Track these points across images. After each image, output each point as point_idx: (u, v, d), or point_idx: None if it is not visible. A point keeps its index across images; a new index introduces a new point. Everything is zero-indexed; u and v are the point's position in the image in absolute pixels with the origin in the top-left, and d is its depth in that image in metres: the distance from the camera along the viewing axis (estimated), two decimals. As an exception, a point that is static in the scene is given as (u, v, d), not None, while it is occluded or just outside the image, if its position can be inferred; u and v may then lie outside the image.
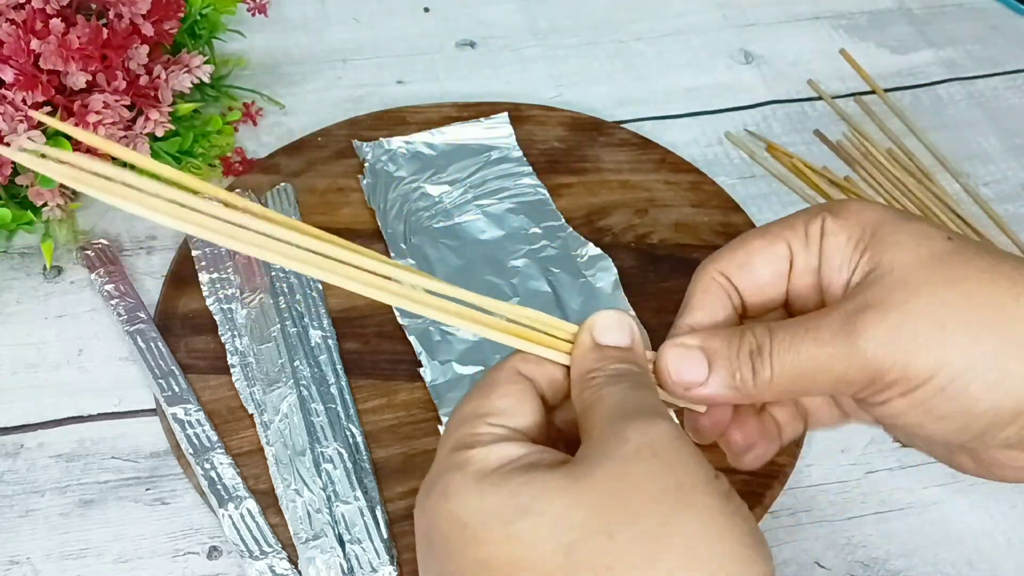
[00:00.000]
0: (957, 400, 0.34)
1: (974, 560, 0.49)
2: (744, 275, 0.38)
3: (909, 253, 0.35)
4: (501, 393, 0.34)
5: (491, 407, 0.34)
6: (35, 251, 0.59)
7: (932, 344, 0.34)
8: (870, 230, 0.36)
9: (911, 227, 0.36)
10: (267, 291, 0.55)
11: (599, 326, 0.35)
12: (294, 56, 0.72)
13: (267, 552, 0.46)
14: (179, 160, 0.60)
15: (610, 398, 0.33)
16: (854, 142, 0.69)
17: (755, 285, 0.38)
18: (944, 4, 0.80)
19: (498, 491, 0.31)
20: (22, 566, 0.47)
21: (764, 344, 0.35)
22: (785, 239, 0.38)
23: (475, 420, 0.33)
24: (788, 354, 0.35)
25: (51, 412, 0.52)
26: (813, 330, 0.35)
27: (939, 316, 0.34)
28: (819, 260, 0.37)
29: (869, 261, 0.36)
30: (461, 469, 0.32)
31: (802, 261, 0.38)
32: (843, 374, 0.34)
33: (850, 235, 0.37)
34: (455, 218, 0.60)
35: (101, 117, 0.54)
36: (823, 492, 0.51)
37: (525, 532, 0.30)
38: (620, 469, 0.30)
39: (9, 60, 0.53)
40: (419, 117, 0.66)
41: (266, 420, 0.50)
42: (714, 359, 0.36)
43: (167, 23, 0.58)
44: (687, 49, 0.75)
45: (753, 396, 0.36)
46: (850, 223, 0.37)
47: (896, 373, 0.34)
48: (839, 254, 0.37)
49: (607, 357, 0.35)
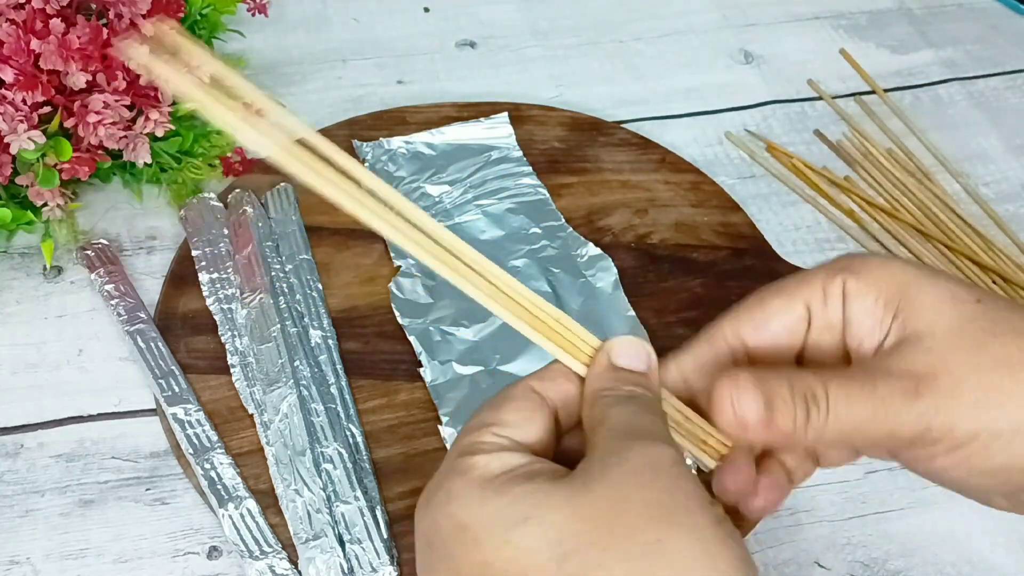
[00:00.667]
0: (999, 459, 0.35)
1: (974, 560, 0.49)
2: (758, 335, 0.38)
3: (945, 318, 0.36)
4: (511, 408, 0.35)
5: (499, 419, 0.35)
6: (35, 251, 0.59)
7: (978, 407, 0.35)
8: (897, 292, 0.37)
9: (939, 289, 0.37)
10: (267, 291, 0.55)
11: (616, 349, 0.36)
12: (294, 56, 0.72)
13: (267, 552, 0.46)
14: (179, 160, 0.60)
15: (618, 417, 0.34)
16: (854, 142, 0.69)
17: (768, 346, 0.38)
18: (944, 4, 0.80)
19: (500, 497, 0.32)
20: (22, 566, 0.47)
21: (819, 394, 0.36)
22: (804, 299, 0.38)
23: (482, 429, 0.34)
24: (843, 409, 0.35)
25: (51, 412, 0.52)
26: (869, 389, 0.35)
27: (983, 380, 0.35)
28: (843, 323, 0.38)
29: (903, 325, 0.37)
30: (464, 474, 0.33)
31: (821, 322, 0.38)
32: (896, 433, 0.35)
33: (877, 297, 0.37)
34: (455, 218, 0.60)
35: (101, 117, 0.54)
36: (823, 492, 0.51)
37: (523, 539, 0.30)
38: (619, 485, 0.31)
39: (9, 60, 0.53)
40: (419, 117, 0.66)
41: (266, 420, 0.50)
42: (771, 402, 0.35)
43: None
44: (687, 49, 0.75)
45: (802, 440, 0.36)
46: (875, 284, 0.37)
47: (941, 434, 0.35)
48: (869, 316, 0.37)
49: (621, 379, 0.35)
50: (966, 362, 0.36)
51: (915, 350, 0.36)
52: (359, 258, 0.58)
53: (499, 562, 0.31)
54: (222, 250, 0.57)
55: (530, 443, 0.34)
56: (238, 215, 0.58)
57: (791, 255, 0.61)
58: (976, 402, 0.35)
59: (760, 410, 0.35)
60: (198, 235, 0.58)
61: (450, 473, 0.33)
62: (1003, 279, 0.61)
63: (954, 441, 0.35)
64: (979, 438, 0.35)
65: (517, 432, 0.34)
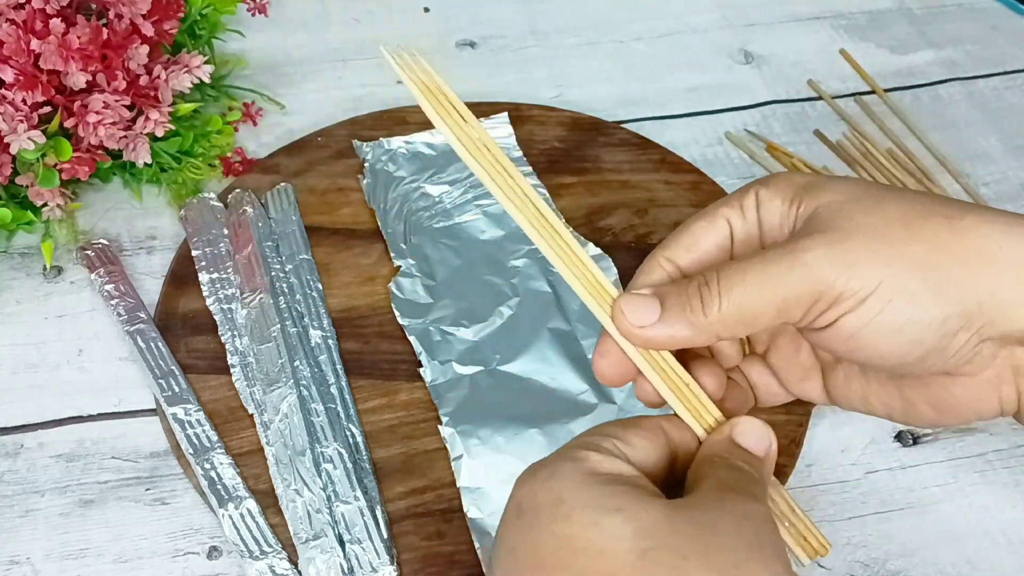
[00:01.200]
0: (906, 310, 0.37)
1: (974, 560, 0.49)
2: (690, 256, 0.41)
3: (842, 195, 0.38)
4: (637, 433, 0.37)
5: (623, 435, 0.37)
6: (35, 251, 0.59)
7: (874, 256, 0.36)
8: (802, 189, 0.39)
9: (839, 180, 0.40)
10: (267, 291, 0.55)
11: (741, 428, 0.38)
12: (294, 56, 0.72)
13: (267, 552, 0.46)
14: (179, 160, 0.60)
15: (725, 477, 0.36)
16: (854, 142, 0.69)
17: (700, 264, 0.41)
18: (944, 4, 0.80)
19: (601, 488, 0.34)
20: (22, 566, 0.47)
21: (711, 278, 0.38)
22: (724, 216, 0.41)
23: (604, 436, 0.37)
24: (736, 282, 0.37)
25: (51, 412, 0.52)
26: (759, 258, 0.37)
27: (879, 231, 0.37)
28: (759, 228, 0.40)
29: (805, 210, 0.39)
30: (575, 461, 0.35)
31: (741, 232, 0.41)
32: (790, 294, 0.37)
33: (783, 197, 0.40)
34: (455, 218, 0.60)
35: (101, 117, 0.54)
36: (823, 492, 0.51)
37: (611, 526, 0.32)
38: (712, 515, 0.33)
39: (9, 60, 0.53)
40: (419, 117, 0.66)
41: (266, 420, 0.50)
42: (665, 298, 0.38)
43: (167, 23, 0.58)
44: (687, 49, 0.75)
45: (706, 328, 0.38)
46: (781, 189, 0.40)
47: (841, 286, 0.36)
48: (776, 215, 0.40)
49: (737, 454, 0.37)
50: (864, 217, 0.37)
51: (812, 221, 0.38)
52: (359, 258, 0.58)
53: (581, 539, 0.32)
54: (222, 250, 0.57)
55: (644, 467, 0.36)
56: (238, 215, 0.58)
57: (791, 255, 0.61)
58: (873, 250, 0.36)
59: (655, 306, 0.38)
60: (198, 235, 0.58)
61: (563, 457, 0.35)
62: (1003, 279, 0.61)
63: (855, 295, 0.36)
64: (882, 287, 0.36)
65: (635, 453, 0.37)
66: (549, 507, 0.33)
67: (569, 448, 0.36)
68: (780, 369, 0.44)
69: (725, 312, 0.37)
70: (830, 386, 0.44)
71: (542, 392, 0.52)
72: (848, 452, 0.52)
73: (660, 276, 0.40)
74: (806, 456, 0.52)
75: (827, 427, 0.53)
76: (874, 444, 0.53)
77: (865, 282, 0.36)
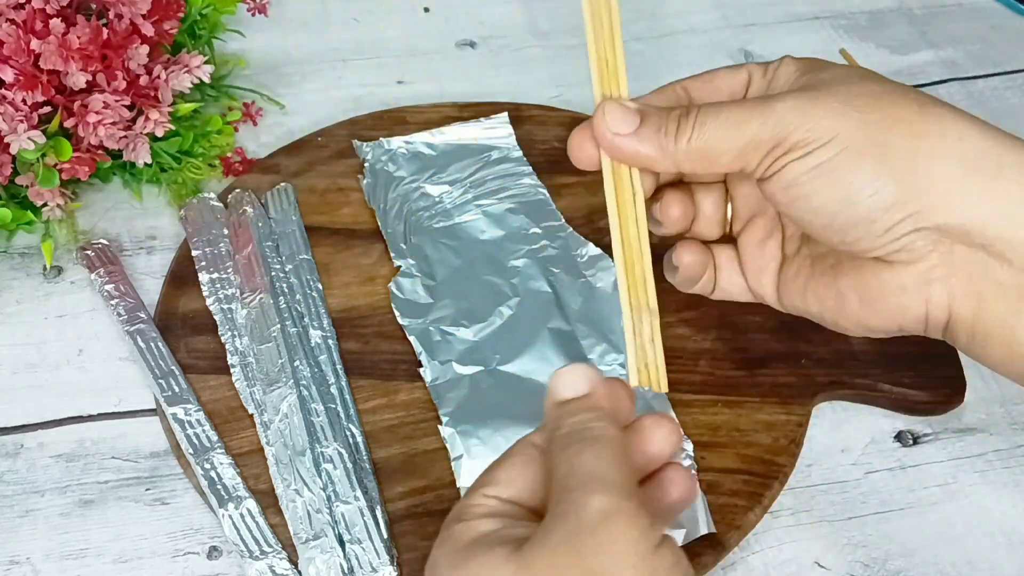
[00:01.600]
0: (847, 169, 0.39)
1: (974, 560, 0.49)
2: (703, 88, 0.45)
3: (844, 72, 0.42)
4: (506, 464, 0.36)
5: (491, 478, 0.36)
6: (35, 251, 0.59)
7: (835, 113, 0.40)
8: (817, 65, 0.43)
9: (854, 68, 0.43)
10: (267, 291, 0.55)
11: (552, 385, 0.37)
12: (294, 56, 0.72)
13: (267, 552, 0.46)
14: (179, 160, 0.60)
15: (559, 468, 0.34)
16: (854, 142, 0.69)
17: (709, 98, 0.44)
18: (944, 4, 0.80)
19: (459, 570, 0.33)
20: (22, 566, 0.47)
21: (692, 109, 0.41)
22: (747, 69, 0.45)
23: (475, 492, 0.36)
24: (710, 119, 0.41)
25: (51, 412, 0.52)
26: (738, 103, 0.41)
27: (846, 98, 0.40)
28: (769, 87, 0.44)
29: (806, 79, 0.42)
30: (444, 544, 0.34)
31: (757, 86, 0.44)
32: (753, 138, 0.40)
33: (799, 67, 0.43)
34: (455, 218, 0.60)
35: (101, 117, 0.54)
36: (823, 492, 0.51)
37: None
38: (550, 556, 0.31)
39: (9, 60, 0.53)
40: (419, 117, 0.66)
41: (266, 420, 0.50)
42: (646, 116, 0.42)
43: (167, 23, 0.58)
44: (687, 49, 0.75)
45: (671, 154, 0.41)
46: (803, 61, 0.44)
47: (799, 135, 0.39)
48: (785, 77, 0.43)
49: (562, 414, 0.36)
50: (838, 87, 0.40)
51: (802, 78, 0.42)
52: (359, 258, 0.58)
53: None
54: (222, 250, 0.57)
55: (520, 498, 0.35)
56: (238, 215, 0.59)
57: (791, 255, 0.61)
58: (834, 111, 0.39)
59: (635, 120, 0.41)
60: (198, 235, 0.58)
61: (440, 541, 0.35)
62: (1003, 279, 0.61)
63: (808, 144, 0.39)
64: (832, 142, 0.39)
65: (505, 489, 0.35)
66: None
67: (445, 525, 0.35)
68: (745, 255, 0.48)
69: (693, 144, 0.41)
70: (781, 280, 0.47)
71: (542, 392, 0.51)
72: (848, 452, 0.52)
73: (667, 98, 0.44)
74: (806, 456, 0.52)
75: (827, 427, 0.53)
76: (874, 444, 0.53)
77: (820, 133, 0.39)
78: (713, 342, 0.55)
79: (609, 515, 0.31)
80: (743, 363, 0.54)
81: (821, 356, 0.54)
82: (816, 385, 0.53)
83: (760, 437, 0.51)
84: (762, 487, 0.49)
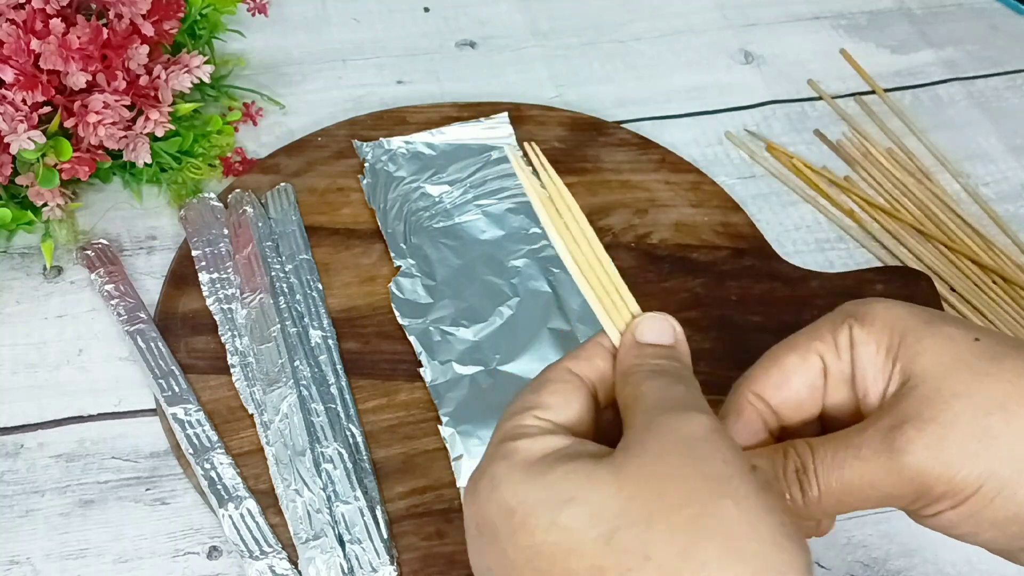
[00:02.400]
0: (1007, 508, 0.35)
1: (974, 560, 0.49)
2: (781, 394, 0.38)
3: (940, 360, 0.36)
4: (551, 390, 0.36)
5: (539, 402, 0.35)
6: (35, 251, 0.59)
7: (975, 455, 0.34)
8: (898, 337, 0.37)
9: (937, 333, 0.36)
10: (267, 291, 0.55)
11: (641, 327, 0.37)
12: (294, 56, 0.72)
13: (267, 552, 0.46)
14: (179, 160, 0.60)
15: (651, 393, 0.34)
16: (854, 142, 0.69)
17: (792, 403, 0.38)
18: (944, 4, 0.80)
19: (544, 479, 0.32)
20: (22, 566, 0.47)
21: (808, 463, 0.36)
22: (817, 352, 0.38)
23: (523, 413, 0.35)
24: (832, 472, 0.35)
25: (51, 412, 0.52)
26: (855, 447, 0.35)
27: (978, 426, 0.34)
28: (851, 369, 0.37)
29: (902, 371, 0.36)
30: (508, 458, 0.33)
31: (836, 373, 0.38)
32: (890, 491, 0.35)
33: (879, 343, 0.37)
34: (455, 218, 0.60)
35: (101, 117, 0.54)
36: (823, 492, 0.51)
37: (569, 520, 0.31)
38: (658, 460, 0.31)
39: (9, 60, 0.53)
40: (419, 117, 0.66)
41: (266, 420, 0.50)
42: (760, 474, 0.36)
43: (167, 23, 0.58)
44: (687, 49, 0.75)
45: (804, 513, 0.36)
46: (876, 329, 0.37)
47: (943, 487, 0.34)
48: (871, 365, 0.37)
49: (648, 354, 0.36)
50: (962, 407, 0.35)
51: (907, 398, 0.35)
52: (359, 258, 0.58)
53: (547, 544, 0.31)
54: (222, 250, 0.57)
55: (570, 424, 0.35)
56: (238, 215, 0.58)
57: (791, 255, 0.61)
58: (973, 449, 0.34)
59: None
60: (198, 235, 0.58)
61: (494, 458, 0.34)
62: (1003, 279, 0.61)
63: (957, 495, 0.34)
64: (984, 487, 0.34)
65: (557, 414, 0.35)
66: (503, 521, 0.32)
67: (497, 443, 0.34)
68: None
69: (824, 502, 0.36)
70: None
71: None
72: (848, 452, 0.52)
73: (751, 416, 0.38)
74: (806, 456, 0.51)
75: (827, 427, 0.53)
76: (874, 444, 0.53)
77: (967, 484, 0.34)
78: (713, 342, 0.55)
79: (716, 430, 0.32)
80: (743, 363, 0.54)
81: (821, 356, 0.54)
82: (816, 385, 0.53)
83: (760, 437, 0.51)
84: (762, 487, 0.49)
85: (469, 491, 0.34)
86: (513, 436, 0.34)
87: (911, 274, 0.59)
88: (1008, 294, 0.60)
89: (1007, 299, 0.60)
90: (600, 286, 0.38)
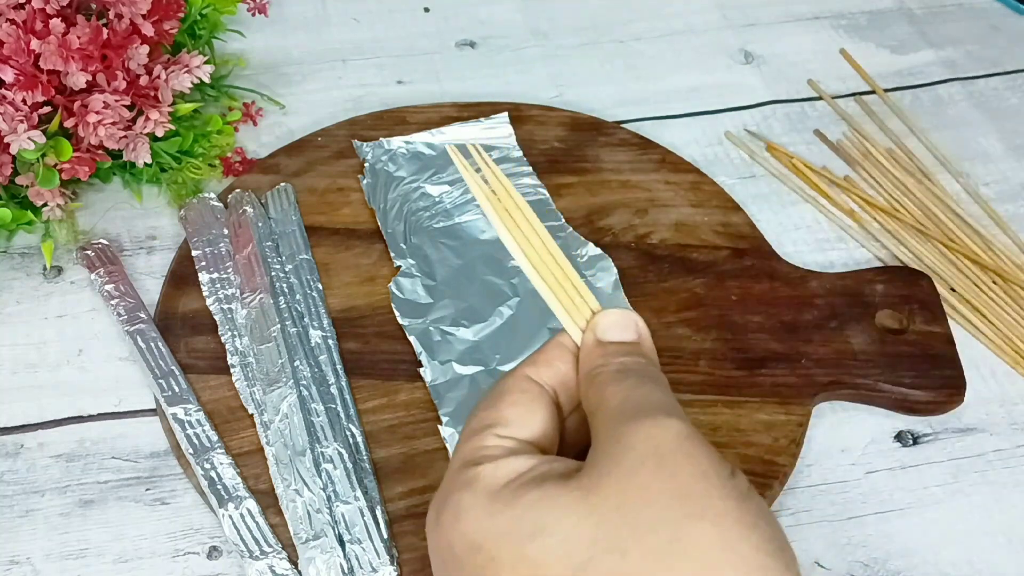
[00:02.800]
0: None
1: (974, 560, 0.49)
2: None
3: None
4: (510, 402, 0.34)
5: (499, 417, 0.33)
6: (35, 251, 0.59)
7: None
8: None
9: None
10: (267, 291, 0.55)
11: (601, 325, 0.35)
12: (294, 56, 0.72)
13: (267, 552, 0.46)
14: (179, 160, 0.60)
15: (614, 398, 0.32)
16: (854, 142, 0.69)
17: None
18: (944, 4, 0.80)
19: (510, 511, 0.30)
20: (22, 566, 0.47)
21: None
22: None
23: (483, 432, 0.33)
24: None
25: (51, 412, 0.52)
26: None
27: None
28: None
29: None
30: (470, 487, 0.31)
31: None
32: None
33: None
34: (455, 218, 0.60)
35: (101, 117, 0.54)
36: (823, 492, 0.51)
37: (538, 553, 0.29)
38: (628, 478, 0.29)
39: (9, 60, 0.53)
40: (419, 117, 0.66)
41: (266, 420, 0.50)
42: None
43: (167, 23, 0.58)
44: (687, 49, 0.75)
45: None
46: None
47: None
48: None
49: (611, 352, 0.34)
50: None
51: None
52: (359, 258, 0.58)
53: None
54: (222, 250, 0.57)
55: (534, 438, 0.33)
56: (238, 215, 0.58)
57: (791, 255, 0.61)
58: None
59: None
60: (198, 235, 0.58)
61: (456, 486, 0.32)
62: (1003, 279, 0.61)
63: None
64: None
65: (519, 429, 0.33)
66: (469, 557, 0.30)
67: (458, 469, 0.32)
68: None
69: None
70: None
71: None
72: (848, 452, 0.52)
73: None
74: (806, 456, 0.52)
75: (827, 427, 0.53)
76: (874, 444, 0.53)
77: None
78: (713, 342, 0.55)
79: (688, 436, 0.30)
80: (743, 363, 0.54)
81: (821, 356, 0.54)
82: (816, 385, 0.53)
83: (760, 437, 0.51)
84: (762, 487, 0.49)
85: (432, 521, 0.32)
86: (474, 460, 0.32)
87: (911, 274, 0.59)
88: (1008, 294, 0.60)
89: (1007, 299, 0.60)
90: (556, 283, 0.36)
